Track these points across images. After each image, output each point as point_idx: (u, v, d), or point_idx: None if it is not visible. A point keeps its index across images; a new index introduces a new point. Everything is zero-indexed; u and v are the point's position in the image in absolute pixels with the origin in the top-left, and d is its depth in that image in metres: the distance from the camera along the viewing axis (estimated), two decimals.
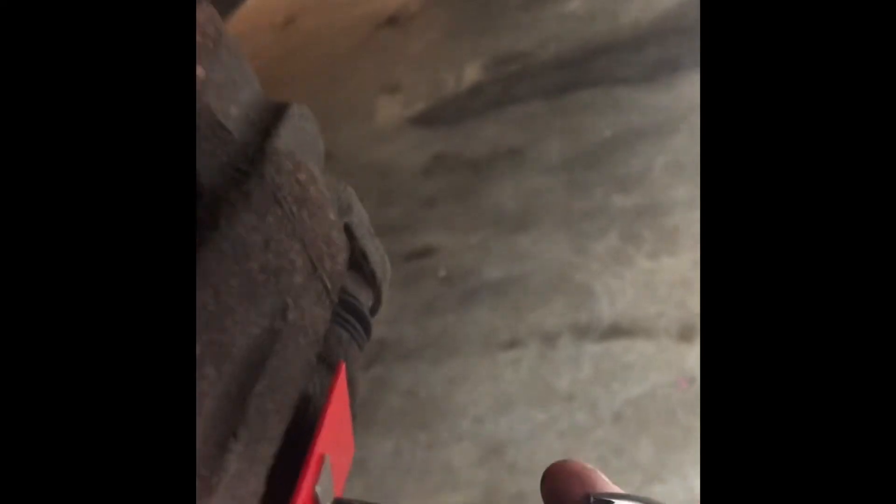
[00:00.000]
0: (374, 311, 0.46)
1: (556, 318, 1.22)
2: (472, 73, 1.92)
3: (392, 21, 2.29)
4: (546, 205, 1.42)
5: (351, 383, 0.40)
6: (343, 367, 0.34)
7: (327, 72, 2.13)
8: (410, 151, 1.75)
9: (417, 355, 1.34)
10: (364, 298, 0.44)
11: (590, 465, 0.26)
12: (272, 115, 0.38)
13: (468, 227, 1.51)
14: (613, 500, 0.26)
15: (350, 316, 0.42)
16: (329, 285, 0.34)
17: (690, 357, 1.11)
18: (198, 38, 0.30)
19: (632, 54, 1.68)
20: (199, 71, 0.29)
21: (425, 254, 1.53)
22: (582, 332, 1.18)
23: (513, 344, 1.22)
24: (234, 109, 0.36)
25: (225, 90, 0.34)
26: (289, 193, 0.32)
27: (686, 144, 1.42)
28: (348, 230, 0.41)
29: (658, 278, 1.22)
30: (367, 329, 0.44)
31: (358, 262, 0.43)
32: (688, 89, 1.54)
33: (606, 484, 0.25)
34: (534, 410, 1.12)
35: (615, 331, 1.17)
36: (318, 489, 0.30)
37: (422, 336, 1.36)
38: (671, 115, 1.51)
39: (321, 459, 0.31)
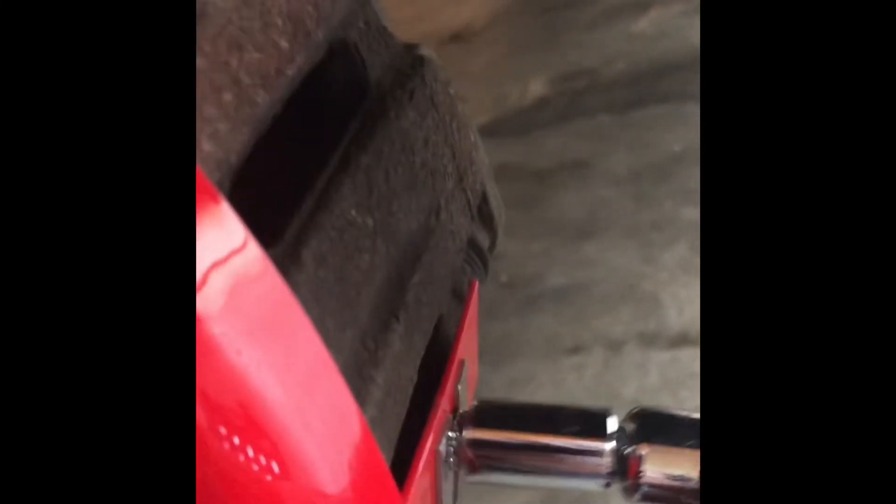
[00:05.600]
0: (490, 251, 0.46)
1: (622, 325, 1.20)
2: (537, 88, 1.94)
3: (456, 38, 2.32)
4: (612, 215, 1.42)
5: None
6: (476, 284, 0.35)
7: None
8: None
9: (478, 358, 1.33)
10: (482, 239, 0.45)
11: None
12: (409, 47, 0.39)
13: (531, 235, 1.51)
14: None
15: (473, 252, 0.43)
16: (472, 200, 0.35)
17: None
18: None
19: None
20: None
21: None
22: (649, 340, 1.17)
23: (576, 350, 1.21)
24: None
25: (380, 7, 0.35)
26: (443, 101, 0.33)
27: None
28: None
29: None
30: (486, 268, 0.44)
31: (479, 203, 0.44)
32: None
33: None
34: None
35: (683, 340, 1.15)
36: (459, 388, 0.31)
37: (482, 339, 1.35)
38: None
39: (462, 363, 0.31)
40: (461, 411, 0.30)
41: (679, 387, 1.11)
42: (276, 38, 0.25)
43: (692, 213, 1.33)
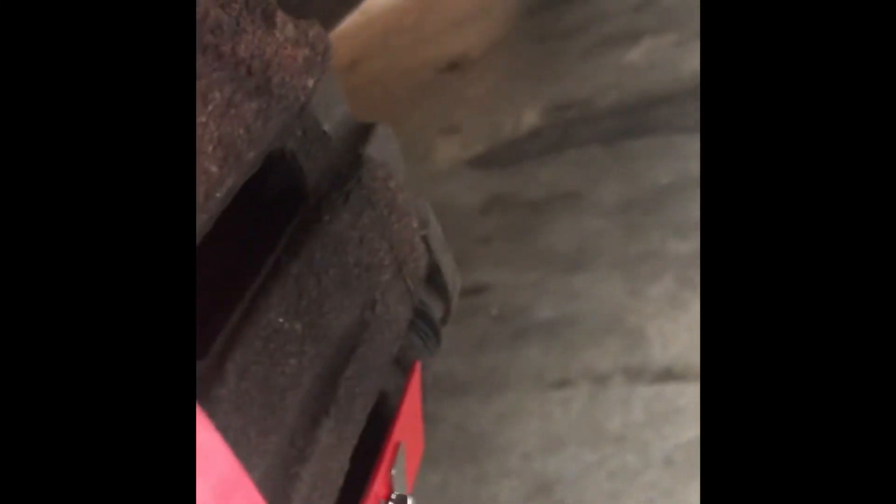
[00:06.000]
0: (444, 321, 0.48)
1: (608, 359, 1.22)
2: (530, 118, 1.96)
3: (453, 66, 2.35)
4: (602, 247, 1.43)
5: (423, 387, 0.43)
6: (418, 365, 0.37)
7: (388, 113, 2.18)
8: (467, 191, 1.78)
9: (467, 390, 1.35)
10: (436, 309, 0.46)
11: None
12: (361, 133, 0.41)
13: (522, 266, 1.53)
14: None
15: (423, 324, 0.45)
16: (411, 287, 0.36)
17: None
18: (308, 52, 0.33)
19: (692, 104, 1.70)
20: (309, 81, 0.32)
21: (478, 291, 1.54)
22: (634, 374, 1.18)
23: (563, 383, 1.22)
24: (328, 125, 0.40)
25: (324, 104, 0.37)
26: (381, 198, 0.35)
27: None
28: (425, 242, 0.44)
29: None
30: (438, 338, 0.46)
31: (431, 274, 0.45)
32: None
33: None
34: (583, 450, 1.11)
35: (668, 374, 1.16)
36: (394, 472, 0.32)
37: (472, 372, 1.37)
38: None
39: (397, 447, 0.33)
40: (396, 495, 0.31)
41: (663, 422, 1.11)
42: (206, 164, 0.27)
43: (679, 246, 1.34)
